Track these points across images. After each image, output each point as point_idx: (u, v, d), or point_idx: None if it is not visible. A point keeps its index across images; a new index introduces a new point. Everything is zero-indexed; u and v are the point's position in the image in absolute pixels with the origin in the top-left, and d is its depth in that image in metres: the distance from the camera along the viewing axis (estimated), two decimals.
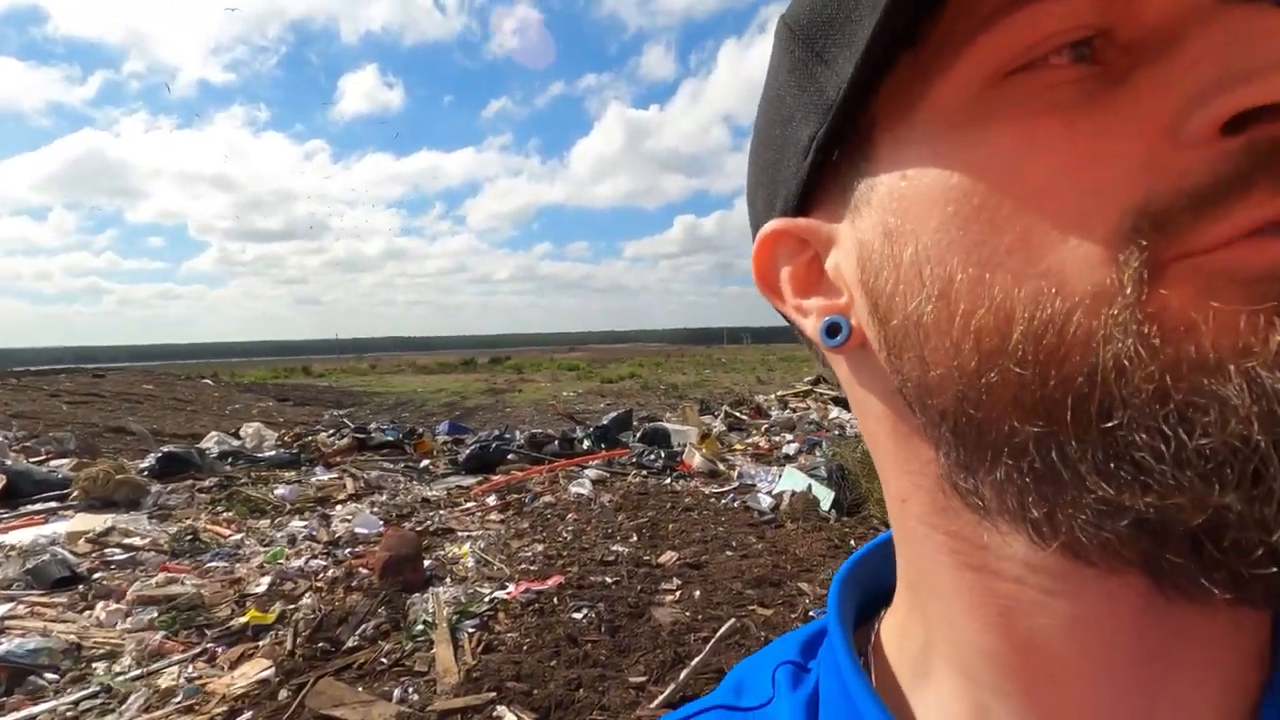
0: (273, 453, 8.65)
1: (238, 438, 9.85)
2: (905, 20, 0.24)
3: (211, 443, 9.12)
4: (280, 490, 6.84)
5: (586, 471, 7.56)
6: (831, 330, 0.29)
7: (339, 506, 6.45)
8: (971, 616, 0.28)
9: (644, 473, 7.61)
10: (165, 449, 7.85)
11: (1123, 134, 0.21)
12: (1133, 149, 0.21)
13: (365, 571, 4.51)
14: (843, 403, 13.62)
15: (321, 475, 7.70)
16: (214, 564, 4.87)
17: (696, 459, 7.74)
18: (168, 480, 7.08)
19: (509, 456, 8.29)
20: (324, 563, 4.85)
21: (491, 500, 6.55)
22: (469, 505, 6.43)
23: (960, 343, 0.23)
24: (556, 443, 9.04)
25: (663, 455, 8.07)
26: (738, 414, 12.08)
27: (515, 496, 6.62)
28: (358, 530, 5.59)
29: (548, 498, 6.56)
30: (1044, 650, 0.26)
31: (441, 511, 6.20)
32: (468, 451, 8.32)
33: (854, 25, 0.25)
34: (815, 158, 0.29)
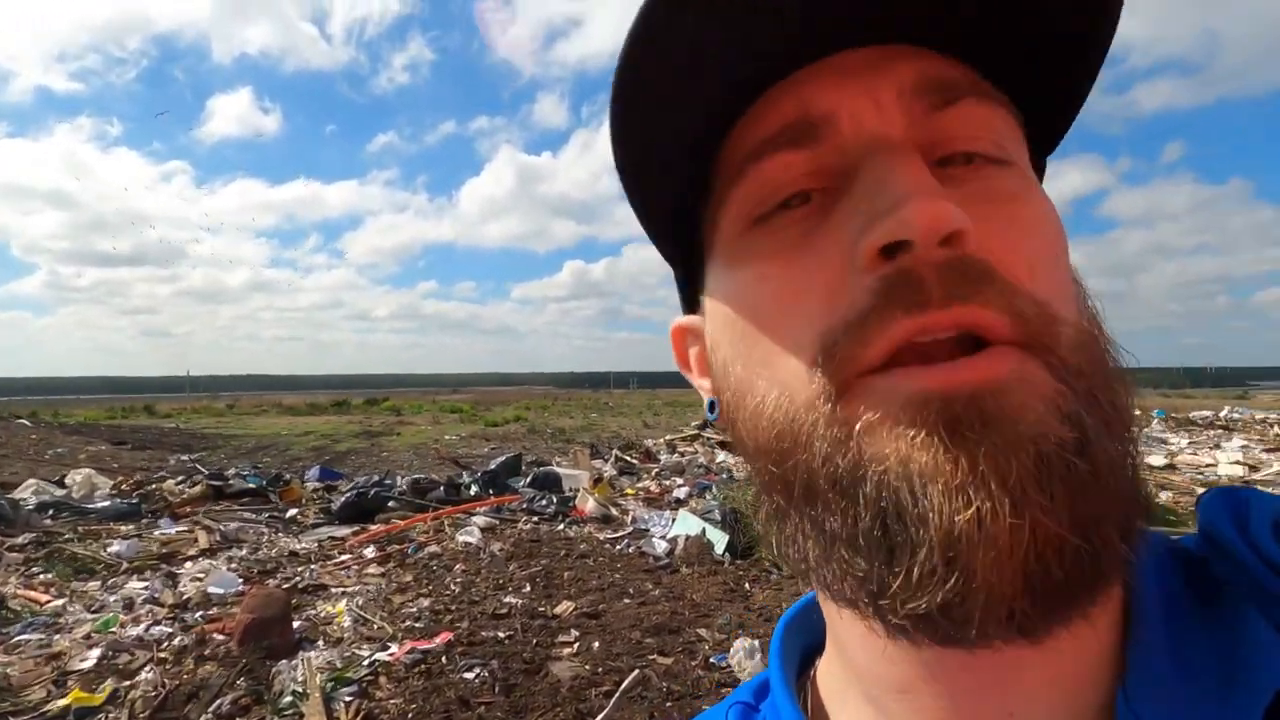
0: (106, 503, 7.59)
1: (62, 486, 8.60)
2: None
3: (28, 492, 7.89)
4: (115, 547, 5.98)
5: (474, 519, 7.21)
6: (711, 408, 0.36)
7: (189, 563, 5.72)
8: (862, 646, 0.32)
9: (536, 519, 7.37)
10: None
11: (819, 268, 0.28)
12: (825, 280, 0.27)
13: (221, 637, 3.99)
14: (729, 446, 13.98)
15: (168, 528, 6.83)
16: (26, 637, 4.13)
17: (590, 504, 7.61)
18: None
19: (389, 504, 7.76)
20: (169, 629, 4.25)
21: (370, 552, 6.06)
22: (344, 558, 5.91)
23: (748, 433, 0.30)
24: (442, 489, 8.58)
25: (555, 501, 7.87)
26: (628, 458, 12.06)
27: (397, 547, 6.17)
28: (212, 590, 4.98)
29: (433, 548, 6.16)
30: (911, 676, 0.30)
31: (313, 566, 5.65)
32: (343, 499, 7.71)
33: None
34: (678, 271, 0.38)
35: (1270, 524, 0.29)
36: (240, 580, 5.20)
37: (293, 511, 7.79)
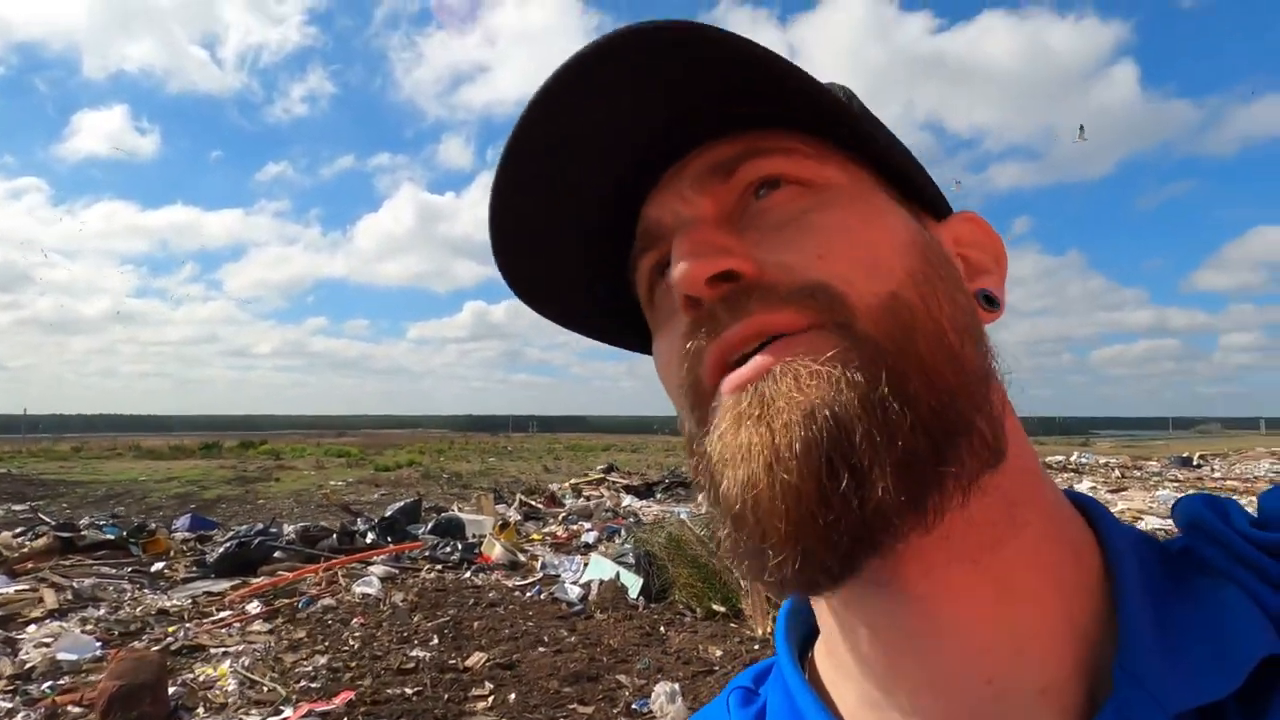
0: None
1: None
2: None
3: None
4: None
5: (372, 568, 6.77)
6: None
7: (32, 626, 5.01)
8: (851, 612, 0.35)
9: (439, 567, 7.02)
10: None
11: (678, 327, 0.36)
12: (681, 333, 0.36)
13: (78, 710, 3.50)
14: (635, 490, 13.94)
15: (4, 587, 5.96)
16: None
17: (497, 550, 7.35)
18: None
19: (275, 554, 7.15)
20: (7, 704, 3.68)
21: (254, 607, 5.54)
22: (224, 614, 5.37)
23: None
24: (334, 537, 8.02)
25: (459, 547, 7.54)
26: (532, 503, 11.78)
27: (285, 601, 5.69)
28: (62, 656, 4.37)
29: (327, 600, 5.73)
30: (873, 646, 0.35)
31: (187, 624, 5.09)
32: (221, 550, 7.04)
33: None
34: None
35: (1247, 518, 0.35)
36: (98, 644, 4.61)
37: (159, 565, 7.03)
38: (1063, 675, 0.31)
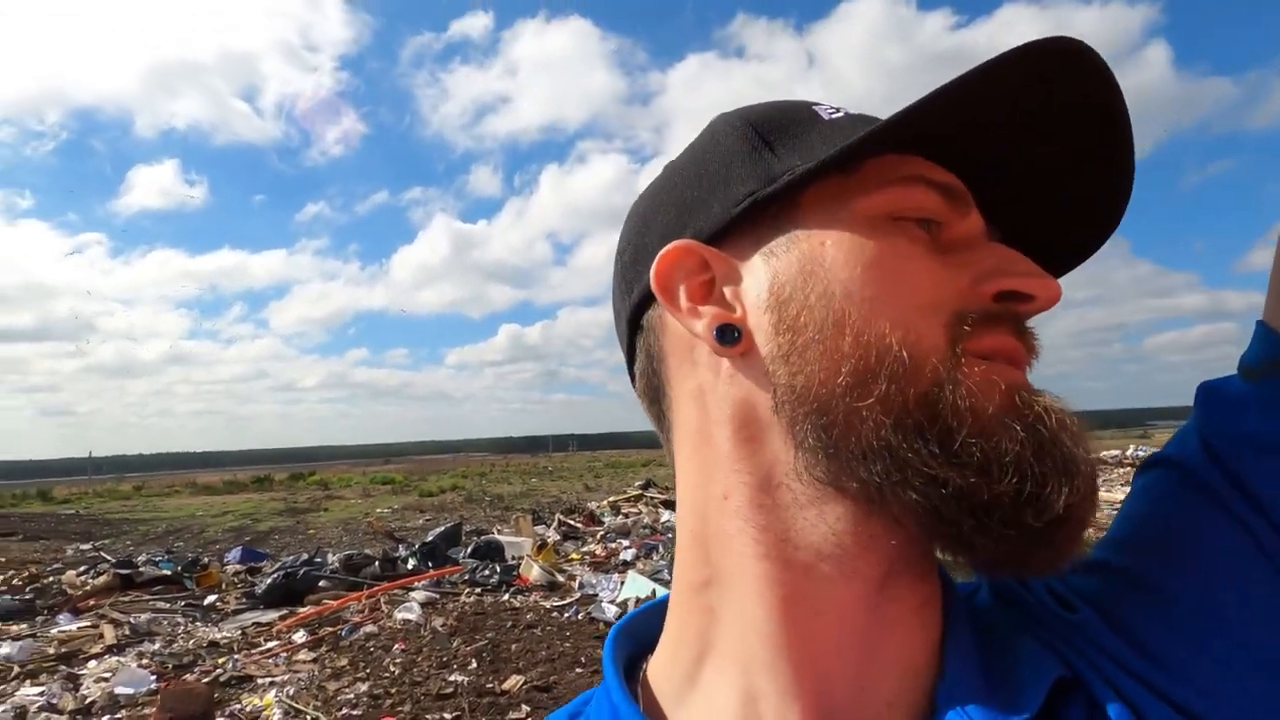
0: None
1: None
2: (845, 160, 0.37)
3: None
4: (4, 649, 5.39)
5: (413, 594, 6.87)
6: (725, 333, 0.37)
7: (93, 662, 5.21)
8: (758, 603, 0.36)
9: (479, 590, 7.08)
10: None
11: (953, 275, 0.36)
12: (959, 284, 0.36)
13: None
14: (673, 505, 13.84)
15: (68, 625, 6.22)
16: None
17: (534, 571, 7.38)
18: None
19: (320, 584, 7.31)
20: None
21: (300, 636, 5.67)
22: (271, 645, 5.51)
23: (843, 361, 0.34)
24: (377, 564, 8.17)
25: (498, 570, 7.60)
26: (571, 522, 11.82)
27: (330, 629, 5.80)
28: (119, 691, 4.54)
29: (369, 627, 5.82)
30: (810, 628, 0.35)
31: (236, 655, 5.24)
32: (269, 581, 7.23)
33: (806, 141, 0.39)
34: (747, 208, 0.38)
35: (1044, 585, 0.40)
36: (153, 677, 4.76)
37: (212, 598, 7.25)
38: (906, 694, 0.35)
